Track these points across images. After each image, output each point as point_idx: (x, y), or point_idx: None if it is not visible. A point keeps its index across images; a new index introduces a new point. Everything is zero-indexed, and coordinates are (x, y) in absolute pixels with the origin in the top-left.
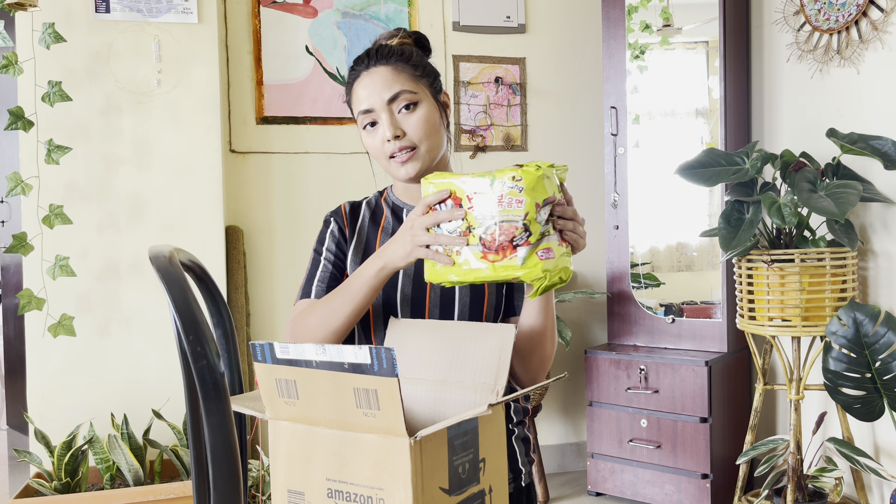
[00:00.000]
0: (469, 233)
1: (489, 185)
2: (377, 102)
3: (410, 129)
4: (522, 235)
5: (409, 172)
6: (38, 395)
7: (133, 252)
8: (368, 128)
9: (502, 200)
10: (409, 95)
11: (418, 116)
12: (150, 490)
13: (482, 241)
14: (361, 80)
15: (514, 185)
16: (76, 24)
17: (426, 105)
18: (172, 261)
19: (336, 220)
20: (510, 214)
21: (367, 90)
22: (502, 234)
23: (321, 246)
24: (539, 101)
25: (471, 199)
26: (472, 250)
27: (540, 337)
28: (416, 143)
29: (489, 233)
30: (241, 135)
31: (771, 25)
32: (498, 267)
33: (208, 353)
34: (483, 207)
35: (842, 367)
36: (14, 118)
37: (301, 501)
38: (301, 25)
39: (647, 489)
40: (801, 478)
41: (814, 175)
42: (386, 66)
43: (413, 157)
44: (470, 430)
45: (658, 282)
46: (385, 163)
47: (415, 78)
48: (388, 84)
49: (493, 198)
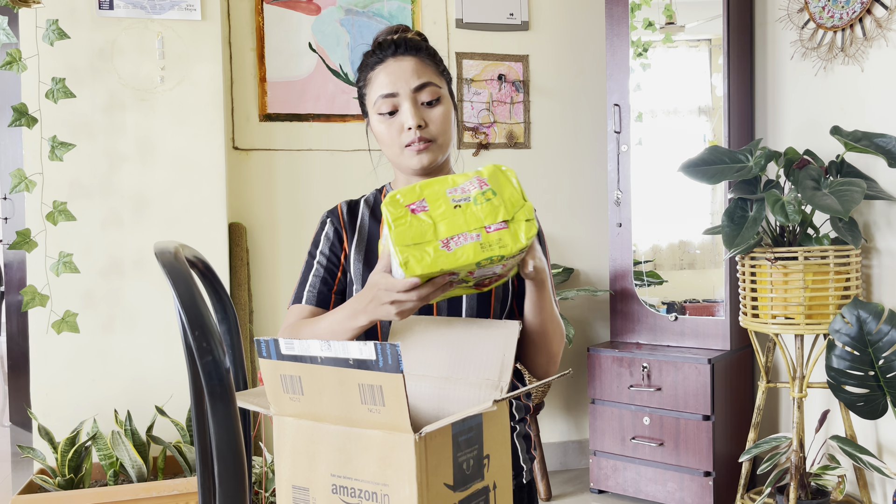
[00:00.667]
0: (453, 285)
1: (497, 260)
2: (403, 89)
3: (432, 122)
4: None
5: (423, 162)
6: (42, 391)
7: (136, 249)
8: (385, 115)
9: (506, 265)
10: (434, 89)
11: (440, 111)
12: (154, 486)
13: (479, 287)
14: (387, 65)
15: (521, 251)
16: (80, 21)
17: (447, 102)
18: (178, 257)
19: (332, 221)
20: (495, 268)
21: (393, 76)
22: (492, 272)
23: (315, 249)
24: (542, 98)
25: (472, 273)
26: (460, 287)
27: (542, 334)
28: (436, 136)
29: (479, 276)
30: (244, 132)
31: (775, 23)
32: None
33: (214, 349)
34: (483, 272)
35: (845, 365)
36: (18, 115)
37: (306, 497)
38: (304, 22)
39: (649, 487)
40: (803, 476)
41: (818, 173)
42: (415, 58)
43: (429, 148)
44: (474, 427)
45: (661, 279)
46: (396, 151)
47: (438, 73)
48: (417, 73)
49: (499, 267)
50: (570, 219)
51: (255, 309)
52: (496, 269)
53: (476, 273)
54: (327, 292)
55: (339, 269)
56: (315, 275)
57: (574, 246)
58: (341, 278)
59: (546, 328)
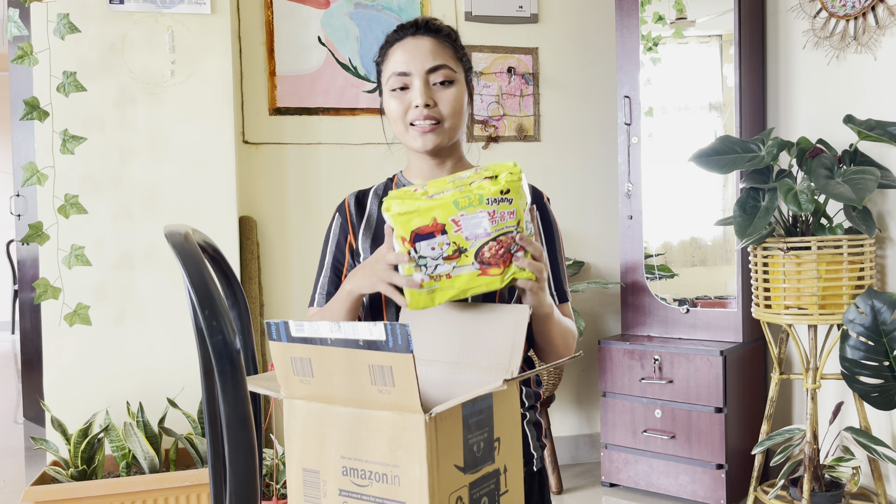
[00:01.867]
0: (459, 255)
1: (477, 202)
2: (416, 68)
3: (442, 103)
4: (517, 245)
5: (426, 144)
6: (55, 383)
7: (147, 242)
8: (397, 91)
9: (494, 216)
10: (448, 72)
11: (451, 93)
12: (166, 477)
13: (479, 257)
14: (405, 43)
15: (503, 198)
16: (91, 15)
17: (460, 86)
18: (188, 238)
19: (339, 216)
20: (505, 227)
21: (409, 54)
22: (501, 247)
23: (325, 248)
24: (552, 91)
25: (457, 222)
26: (465, 270)
27: (544, 338)
28: (444, 117)
29: (487, 248)
30: (254, 125)
31: (787, 13)
32: (502, 278)
33: (224, 327)
34: (473, 227)
35: (859, 356)
36: (30, 108)
37: (316, 480)
38: (314, 16)
39: (661, 480)
40: (817, 468)
41: (831, 161)
42: (434, 39)
43: (436, 129)
44: (485, 409)
45: (672, 273)
46: (402, 128)
47: (456, 58)
48: (433, 54)
49: (484, 215)
50: (580, 212)
51: (265, 302)
52: (484, 222)
53: (463, 225)
54: (335, 292)
55: (345, 264)
56: (324, 276)
57: (584, 239)
58: (347, 269)
59: (547, 333)
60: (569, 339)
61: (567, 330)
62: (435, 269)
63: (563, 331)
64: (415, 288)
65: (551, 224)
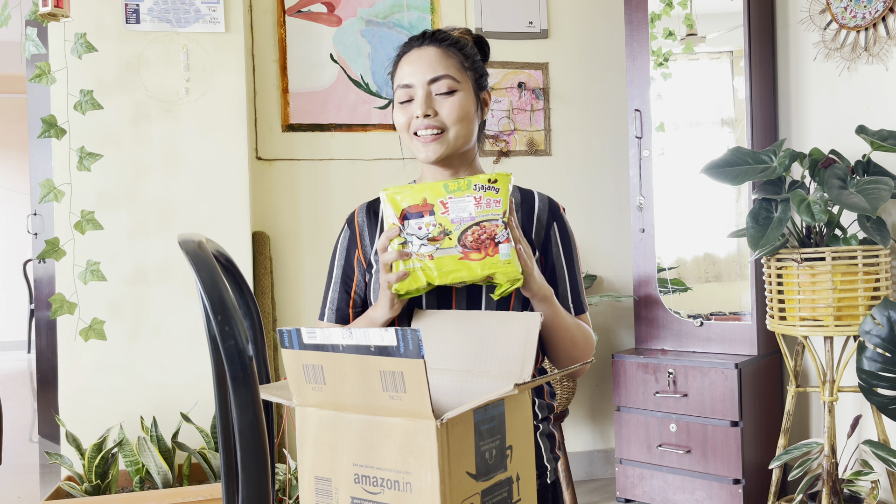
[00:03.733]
0: (443, 237)
1: (465, 187)
2: (418, 80)
3: (444, 112)
4: (504, 233)
5: (429, 155)
6: (70, 398)
7: (162, 257)
8: (402, 105)
9: (480, 201)
10: (450, 82)
11: (453, 101)
12: (179, 492)
13: (462, 241)
14: (410, 55)
15: (490, 187)
16: (107, 35)
17: (465, 94)
18: (202, 246)
19: (347, 229)
20: (489, 213)
21: (412, 66)
22: (484, 233)
23: (333, 261)
24: (562, 105)
25: (445, 203)
26: (447, 253)
27: (553, 346)
28: (446, 126)
29: (470, 233)
30: (267, 142)
31: (797, 25)
32: (482, 264)
33: (237, 334)
34: (459, 210)
35: (876, 367)
36: (47, 126)
37: (328, 488)
38: (326, 34)
39: (677, 495)
40: (835, 482)
41: (844, 171)
42: (437, 49)
43: (439, 139)
44: (497, 416)
45: (685, 287)
46: (409, 139)
47: (462, 68)
48: (433, 65)
49: (470, 200)
50: (592, 225)
51: (278, 317)
52: (469, 206)
53: (451, 208)
54: (345, 307)
55: (354, 277)
56: (333, 290)
57: (597, 252)
58: (357, 285)
59: (556, 341)
60: (578, 340)
61: (578, 331)
62: (419, 248)
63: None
64: (403, 259)
65: (568, 235)
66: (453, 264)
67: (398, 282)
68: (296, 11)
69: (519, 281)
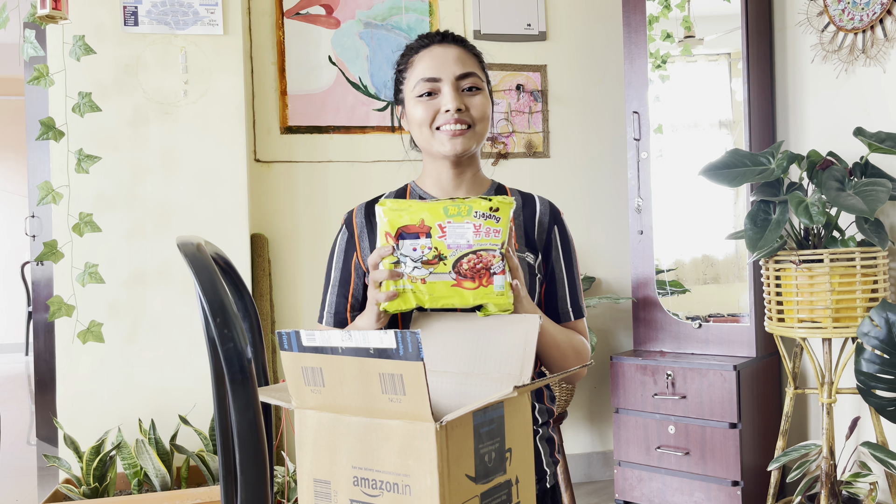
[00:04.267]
0: (438, 261)
1: (466, 213)
2: (447, 74)
3: (473, 108)
4: (500, 264)
5: (456, 147)
6: (68, 401)
7: (160, 260)
8: (424, 97)
9: (479, 230)
10: (476, 79)
11: (480, 99)
12: (177, 495)
13: (457, 268)
14: (431, 50)
15: (491, 215)
16: (106, 37)
17: (486, 95)
18: (200, 248)
19: (345, 229)
20: (487, 243)
21: (437, 60)
22: (480, 262)
23: (331, 262)
24: (560, 107)
25: (443, 227)
26: (440, 278)
27: (543, 352)
28: (475, 121)
29: (466, 261)
30: (265, 144)
31: (794, 27)
32: (475, 294)
33: (235, 336)
34: (457, 236)
35: (875, 369)
36: (45, 128)
37: (327, 490)
38: (324, 36)
39: (675, 497)
40: (834, 483)
41: (842, 173)
42: (461, 48)
43: (466, 133)
44: (496, 419)
45: (683, 289)
46: (429, 134)
47: (481, 69)
48: (462, 61)
49: (469, 227)
50: (590, 227)
51: (277, 319)
52: (468, 234)
53: (448, 233)
54: (343, 311)
55: (352, 278)
56: (331, 293)
57: (595, 254)
58: (355, 287)
59: (545, 358)
60: (569, 354)
61: (568, 346)
62: (412, 270)
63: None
64: (395, 279)
65: (568, 239)
66: (445, 290)
67: (387, 301)
68: (294, 14)
69: (509, 311)
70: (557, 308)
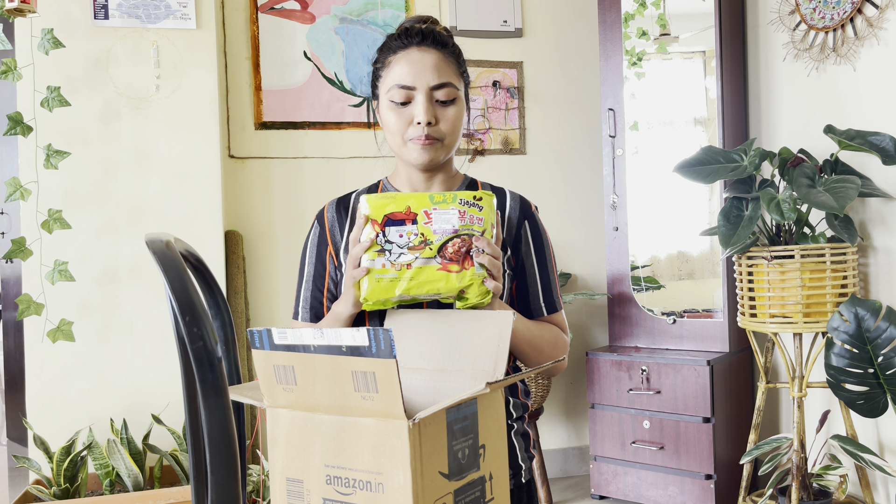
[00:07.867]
0: (424, 246)
1: (451, 200)
2: (421, 83)
3: (443, 121)
4: (477, 248)
5: (424, 158)
6: (38, 401)
7: (132, 257)
8: (397, 105)
9: (464, 216)
10: (452, 90)
11: (453, 112)
12: (149, 495)
13: (442, 252)
14: (409, 53)
15: (475, 203)
16: (75, 31)
17: (460, 104)
18: (170, 245)
19: (317, 225)
20: (471, 228)
21: (414, 67)
22: (464, 246)
23: (304, 258)
24: (537, 104)
25: (429, 214)
26: (426, 263)
27: (516, 347)
28: (444, 135)
29: (451, 245)
30: (239, 140)
31: (767, 26)
32: (460, 276)
33: (205, 335)
34: (443, 222)
35: (844, 363)
36: (13, 123)
37: (300, 489)
38: (299, 31)
39: (650, 491)
40: (805, 476)
41: (812, 171)
42: (440, 53)
43: (435, 145)
44: (469, 416)
45: (658, 284)
46: (400, 142)
47: (459, 75)
48: (439, 71)
49: (454, 212)
50: (566, 224)
51: (251, 317)
52: (453, 219)
53: (434, 218)
54: (318, 305)
55: (325, 274)
56: (305, 288)
57: (571, 251)
58: (330, 282)
59: (519, 353)
60: (544, 348)
61: (542, 340)
62: (399, 256)
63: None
64: (377, 267)
65: (540, 234)
66: (431, 274)
67: (362, 277)
68: (269, 8)
69: (488, 296)
70: (529, 304)
